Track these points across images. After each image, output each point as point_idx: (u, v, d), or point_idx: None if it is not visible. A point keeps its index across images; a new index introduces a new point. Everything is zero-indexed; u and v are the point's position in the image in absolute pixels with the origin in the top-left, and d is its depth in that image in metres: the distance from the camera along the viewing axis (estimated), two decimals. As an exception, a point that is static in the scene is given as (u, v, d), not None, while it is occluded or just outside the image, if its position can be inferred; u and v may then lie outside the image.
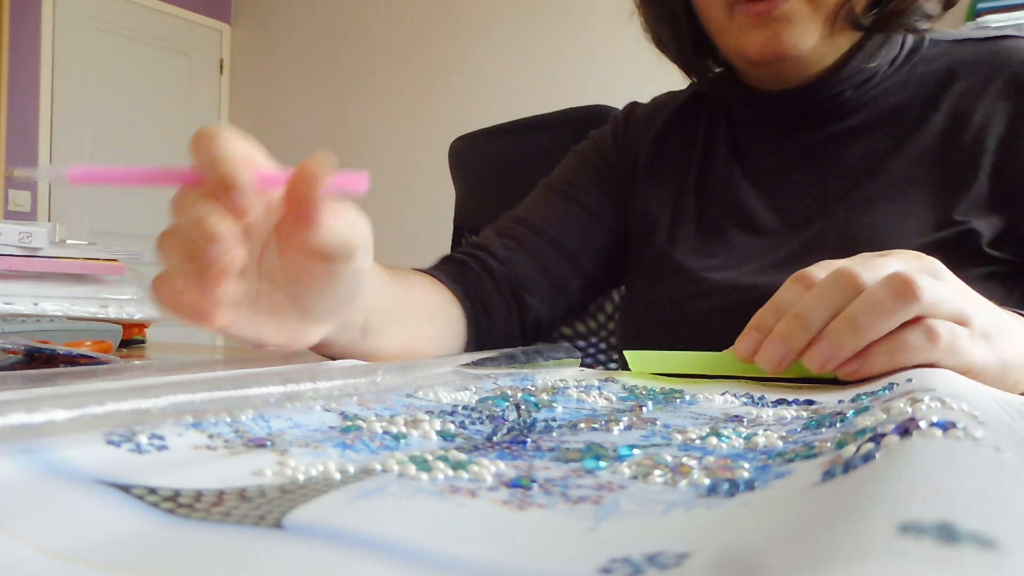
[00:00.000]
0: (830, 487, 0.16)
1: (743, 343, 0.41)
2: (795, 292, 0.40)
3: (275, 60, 4.14)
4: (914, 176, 0.63)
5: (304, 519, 0.16)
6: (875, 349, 0.37)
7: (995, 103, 0.62)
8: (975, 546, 0.10)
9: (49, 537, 0.15)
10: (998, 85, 0.63)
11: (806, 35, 0.63)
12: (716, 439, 0.25)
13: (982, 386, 0.33)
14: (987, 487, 0.13)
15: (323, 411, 0.29)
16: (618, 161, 0.78)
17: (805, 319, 0.38)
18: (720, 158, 0.73)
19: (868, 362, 0.37)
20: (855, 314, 0.37)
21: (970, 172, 0.61)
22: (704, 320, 0.64)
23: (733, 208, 0.70)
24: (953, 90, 0.64)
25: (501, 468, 0.21)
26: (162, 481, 0.19)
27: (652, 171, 0.76)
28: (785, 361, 0.38)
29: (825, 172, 0.67)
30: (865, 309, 0.36)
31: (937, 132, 0.63)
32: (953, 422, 0.18)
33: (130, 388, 0.25)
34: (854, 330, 0.37)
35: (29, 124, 3.58)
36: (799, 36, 0.63)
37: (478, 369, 0.40)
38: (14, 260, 0.69)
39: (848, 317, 0.37)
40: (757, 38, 0.63)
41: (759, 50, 0.64)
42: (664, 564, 0.14)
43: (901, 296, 0.36)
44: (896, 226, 0.60)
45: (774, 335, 0.39)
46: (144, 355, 0.68)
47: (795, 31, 0.63)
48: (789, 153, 0.69)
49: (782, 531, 0.14)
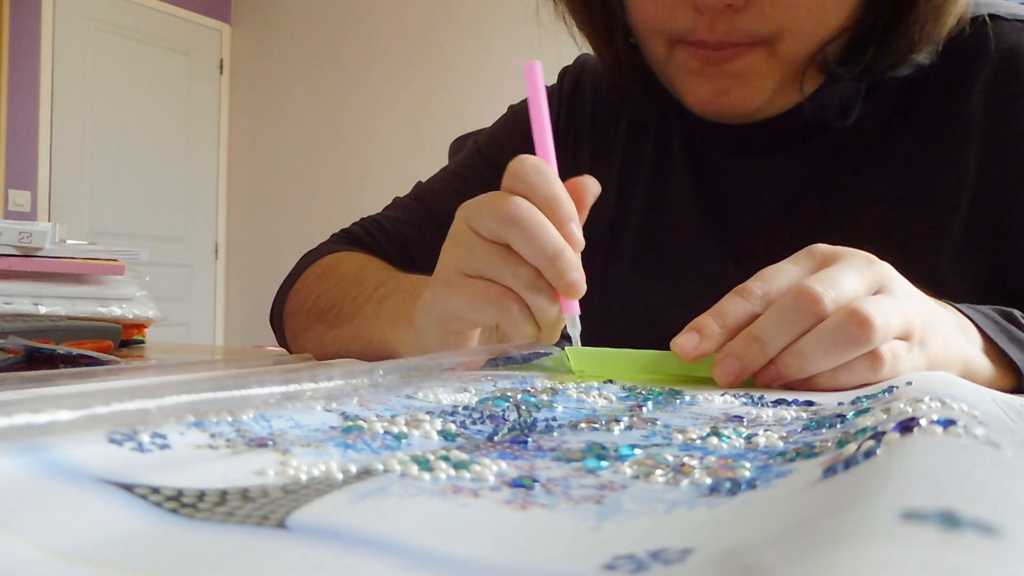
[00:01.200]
0: (832, 482, 0.16)
1: (683, 339, 0.40)
2: (736, 305, 0.39)
3: (275, 60, 4.14)
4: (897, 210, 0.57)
5: (307, 519, 0.16)
6: (821, 374, 0.38)
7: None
8: (977, 532, 0.10)
9: (51, 536, 0.15)
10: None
11: (760, 93, 0.54)
12: (717, 439, 0.25)
13: (982, 388, 0.33)
14: (988, 480, 0.13)
15: (324, 411, 0.29)
16: (556, 137, 0.72)
17: (764, 343, 0.38)
18: (674, 164, 0.65)
19: (811, 382, 0.38)
20: (807, 351, 0.37)
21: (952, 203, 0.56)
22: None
23: (681, 228, 0.63)
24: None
25: (503, 468, 0.21)
26: (165, 480, 0.19)
27: (595, 157, 0.68)
28: (740, 378, 0.38)
29: (795, 197, 0.60)
30: (819, 347, 0.37)
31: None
32: (954, 420, 0.18)
33: (131, 388, 0.25)
34: (802, 367, 0.37)
35: (29, 124, 3.58)
36: (751, 95, 0.54)
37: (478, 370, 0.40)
38: (14, 260, 0.69)
39: (800, 353, 0.37)
40: (700, 90, 0.54)
41: (701, 105, 0.55)
42: (668, 560, 0.14)
43: (856, 339, 0.36)
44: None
45: (730, 351, 0.38)
46: (144, 355, 0.68)
47: (747, 90, 0.53)
48: (754, 174, 0.61)
49: (784, 525, 0.14)
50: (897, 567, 0.09)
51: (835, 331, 0.36)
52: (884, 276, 0.40)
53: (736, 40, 0.51)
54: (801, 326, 0.37)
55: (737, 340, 0.39)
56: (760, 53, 0.52)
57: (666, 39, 0.54)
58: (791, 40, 0.51)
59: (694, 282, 0.62)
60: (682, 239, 0.64)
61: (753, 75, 0.53)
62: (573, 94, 0.72)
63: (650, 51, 0.57)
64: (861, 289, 0.38)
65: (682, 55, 0.53)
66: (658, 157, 0.66)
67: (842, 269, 0.39)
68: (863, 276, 0.39)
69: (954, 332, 0.42)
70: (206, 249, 4.29)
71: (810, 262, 0.40)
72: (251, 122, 4.22)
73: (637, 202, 0.66)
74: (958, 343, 0.42)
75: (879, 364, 0.37)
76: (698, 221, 0.63)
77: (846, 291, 0.38)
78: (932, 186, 0.56)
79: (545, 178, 0.41)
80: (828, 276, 0.38)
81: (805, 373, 0.37)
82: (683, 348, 0.40)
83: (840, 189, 0.59)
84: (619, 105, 0.69)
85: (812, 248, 0.41)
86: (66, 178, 3.71)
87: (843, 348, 0.36)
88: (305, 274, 0.66)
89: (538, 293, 0.40)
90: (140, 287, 0.77)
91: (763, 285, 0.40)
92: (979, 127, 0.56)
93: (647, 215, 0.65)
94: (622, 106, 0.69)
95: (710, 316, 0.40)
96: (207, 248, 4.30)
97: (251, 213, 4.27)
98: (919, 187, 0.57)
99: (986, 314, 0.45)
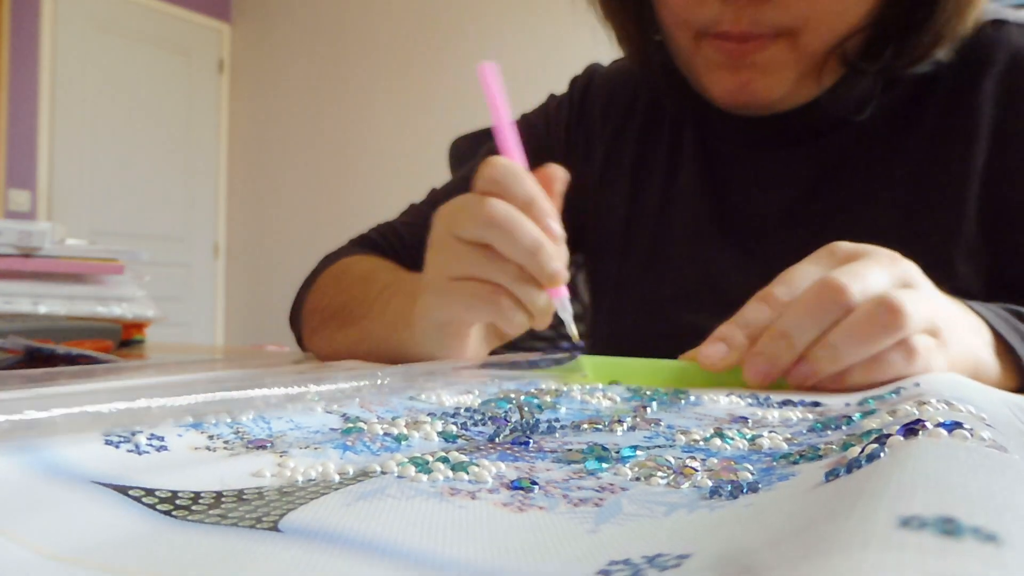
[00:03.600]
0: (833, 486, 0.16)
1: (710, 350, 0.39)
2: (760, 312, 0.39)
3: (275, 60, 4.14)
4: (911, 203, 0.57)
5: (302, 521, 0.16)
6: (854, 366, 0.37)
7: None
8: (976, 540, 0.10)
9: (45, 537, 0.15)
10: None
11: (782, 84, 0.55)
12: (720, 440, 0.25)
13: (991, 389, 0.33)
14: (992, 486, 0.13)
15: (325, 413, 0.29)
16: (567, 144, 0.70)
17: (791, 338, 0.37)
18: (686, 161, 0.65)
19: (847, 378, 0.37)
20: (838, 342, 0.36)
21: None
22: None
23: (692, 224, 0.63)
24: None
25: (502, 470, 0.21)
26: (160, 482, 0.19)
27: (607, 161, 0.69)
28: (770, 377, 0.38)
29: (807, 192, 0.60)
30: (850, 338, 0.36)
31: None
32: (960, 423, 0.18)
33: (130, 388, 0.24)
34: (835, 359, 0.37)
35: (29, 124, 3.58)
36: (774, 86, 0.55)
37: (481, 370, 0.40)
38: (14, 260, 0.69)
39: (831, 345, 0.36)
40: (725, 81, 0.55)
41: (725, 96, 0.56)
42: (664, 565, 0.13)
43: (887, 326, 0.35)
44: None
45: (758, 351, 0.38)
46: (144, 355, 0.68)
47: (770, 81, 0.55)
48: (766, 169, 0.62)
49: (784, 530, 0.13)
50: (894, 574, 0.09)
51: (865, 319, 0.36)
52: (909, 273, 0.39)
53: (760, 31, 0.52)
54: (829, 319, 0.37)
55: (764, 339, 0.38)
56: (782, 45, 0.53)
57: (692, 32, 0.55)
58: (813, 32, 0.52)
59: (705, 278, 0.62)
60: (693, 235, 0.64)
61: (776, 66, 0.54)
62: (583, 101, 0.72)
63: (677, 44, 0.58)
64: (887, 282, 0.38)
65: (708, 49, 0.55)
66: (671, 156, 0.66)
67: (867, 264, 0.38)
68: (888, 271, 0.38)
69: (968, 333, 0.42)
70: (206, 249, 4.29)
71: (832, 261, 0.40)
72: (251, 122, 4.22)
73: (650, 203, 0.66)
74: (970, 343, 0.42)
75: (913, 356, 0.36)
76: (709, 216, 0.63)
77: (872, 283, 0.37)
78: (944, 181, 0.57)
79: (518, 178, 0.42)
80: (852, 269, 0.38)
81: (839, 365, 0.37)
82: (711, 359, 0.39)
83: (853, 184, 0.59)
84: (631, 106, 0.69)
85: (833, 246, 0.41)
86: (66, 178, 3.71)
87: (875, 337, 0.36)
88: (323, 275, 0.67)
89: (525, 284, 0.42)
90: (140, 287, 0.77)
91: (787, 290, 0.39)
92: (988, 123, 0.56)
93: (660, 215, 0.65)
94: (634, 107, 0.69)
95: (734, 324, 0.40)
96: (207, 248, 4.30)
97: (251, 213, 4.27)
98: (931, 182, 0.57)
99: (998, 313, 0.45)
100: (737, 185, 0.63)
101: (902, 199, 0.57)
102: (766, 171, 0.62)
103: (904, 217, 0.57)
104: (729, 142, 0.64)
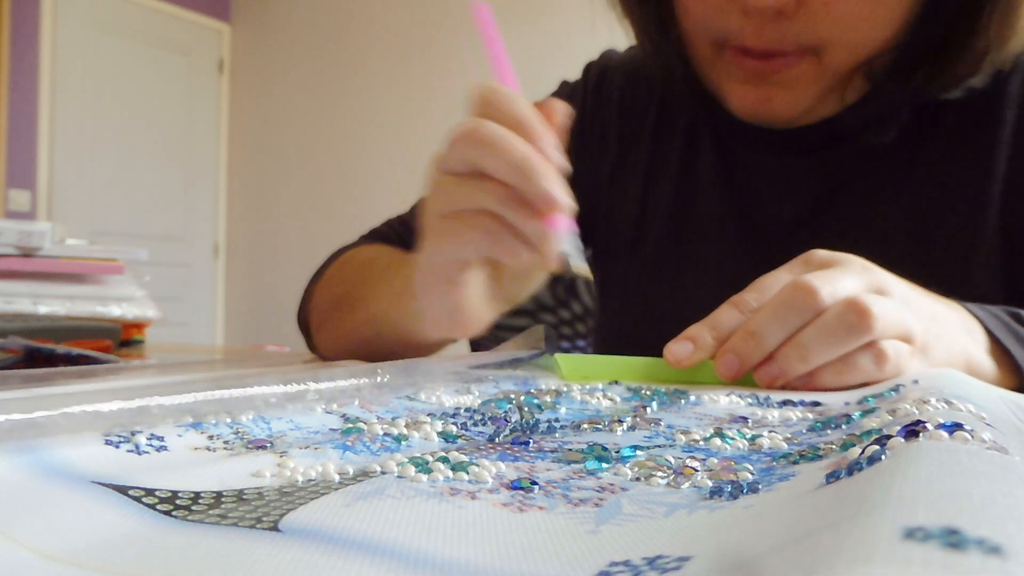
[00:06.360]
0: (834, 490, 0.16)
1: (676, 347, 0.40)
2: (730, 315, 0.40)
3: (275, 60, 4.14)
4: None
5: (301, 521, 0.16)
6: (824, 368, 0.37)
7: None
8: (981, 552, 0.10)
9: (44, 538, 0.15)
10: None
11: (804, 101, 0.53)
12: (720, 440, 0.25)
13: (990, 387, 0.33)
14: (994, 492, 0.13)
15: (324, 413, 0.29)
16: (581, 133, 0.68)
17: (760, 337, 0.38)
18: (702, 161, 0.64)
19: (815, 380, 0.38)
20: (807, 342, 0.37)
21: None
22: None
23: (706, 227, 0.62)
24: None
25: (502, 470, 0.21)
26: (160, 482, 0.19)
27: (622, 152, 0.67)
28: (738, 374, 0.38)
29: (823, 200, 0.59)
30: (818, 338, 0.37)
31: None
32: (960, 424, 0.18)
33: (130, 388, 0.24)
34: (804, 358, 0.37)
35: (29, 124, 3.58)
36: (795, 103, 0.53)
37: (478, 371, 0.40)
38: (14, 260, 0.69)
39: (800, 344, 0.37)
40: (745, 95, 0.53)
41: (744, 110, 0.54)
42: (665, 567, 0.13)
43: (855, 328, 0.36)
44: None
45: (729, 348, 0.39)
46: (144, 355, 0.68)
47: (791, 97, 0.53)
48: (783, 176, 0.60)
49: (784, 535, 0.13)
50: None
51: (833, 321, 0.36)
52: (881, 281, 0.40)
53: (783, 49, 0.50)
54: (799, 320, 0.37)
55: (734, 337, 0.39)
56: (807, 64, 0.51)
57: (712, 40, 0.53)
58: (838, 50, 0.50)
59: (716, 281, 0.61)
60: (706, 237, 0.63)
61: (798, 83, 0.52)
62: (599, 88, 0.70)
63: (696, 51, 0.56)
64: (859, 287, 0.38)
65: (729, 60, 0.53)
66: (686, 153, 0.65)
67: (840, 270, 0.39)
68: (860, 278, 0.39)
69: (959, 334, 0.42)
70: (206, 249, 4.29)
71: (806, 268, 0.40)
72: (251, 122, 4.22)
73: (663, 204, 0.65)
74: (962, 345, 0.42)
75: (883, 360, 0.37)
76: (723, 219, 0.62)
77: (843, 287, 0.38)
78: (963, 190, 0.56)
79: (510, 99, 0.38)
80: (824, 273, 0.38)
81: (807, 365, 0.37)
82: (676, 356, 0.40)
83: (869, 193, 0.58)
84: (647, 100, 0.68)
85: (809, 255, 0.41)
86: (66, 178, 3.71)
87: (843, 338, 0.36)
88: (328, 270, 0.66)
89: (516, 207, 0.37)
90: (139, 287, 0.77)
91: (758, 296, 0.40)
92: (1011, 131, 0.55)
93: (674, 213, 0.65)
94: (650, 101, 0.68)
95: (704, 325, 0.40)
96: (207, 248, 4.30)
97: (251, 213, 4.27)
98: (950, 191, 0.56)
99: (995, 314, 0.45)
100: (752, 190, 0.62)
101: (920, 209, 0.57)
102: (783, 178, 0.61)
103: (922, 227, 0.56)
104: (746, 147, 0.62)
